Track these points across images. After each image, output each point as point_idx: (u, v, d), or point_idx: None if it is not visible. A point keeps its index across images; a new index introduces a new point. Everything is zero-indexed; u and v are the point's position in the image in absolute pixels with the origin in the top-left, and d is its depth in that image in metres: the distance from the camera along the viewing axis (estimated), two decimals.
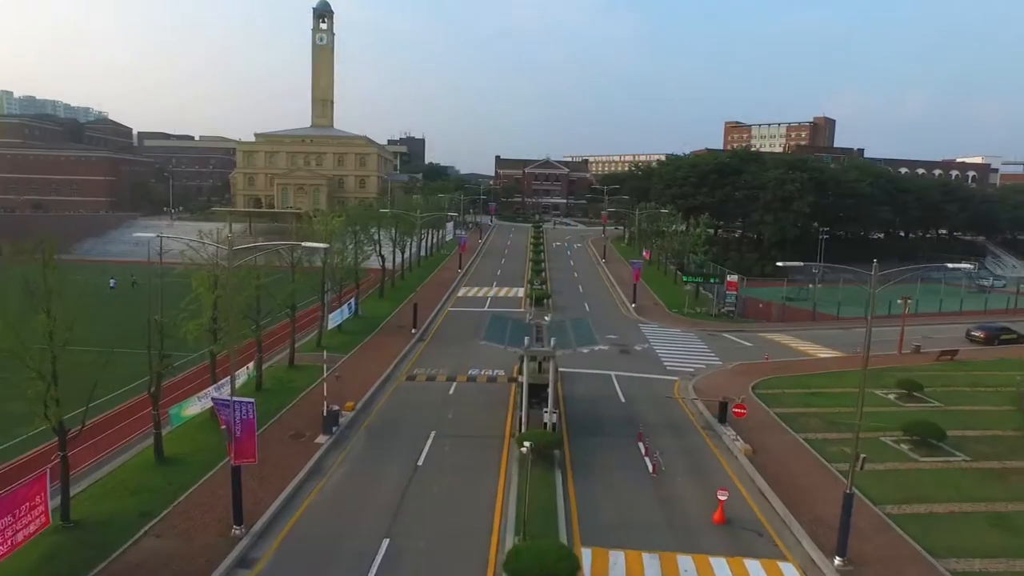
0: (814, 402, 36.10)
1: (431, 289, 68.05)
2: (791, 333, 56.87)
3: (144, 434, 27.86)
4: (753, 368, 43.67)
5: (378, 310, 57.00)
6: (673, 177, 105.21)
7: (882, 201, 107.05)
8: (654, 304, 63.83)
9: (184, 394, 31.74)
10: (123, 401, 32.86)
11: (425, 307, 58.28)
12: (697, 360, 45.60)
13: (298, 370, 38.63)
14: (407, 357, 43.58)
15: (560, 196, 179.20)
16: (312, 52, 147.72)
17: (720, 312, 60.23)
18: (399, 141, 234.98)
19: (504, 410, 33.27)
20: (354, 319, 52.13)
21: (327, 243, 42.45)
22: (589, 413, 33.34)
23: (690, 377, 41.40)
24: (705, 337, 53.22)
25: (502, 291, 68.69)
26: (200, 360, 36.23)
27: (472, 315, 57.10)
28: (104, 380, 21.66)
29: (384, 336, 48.54)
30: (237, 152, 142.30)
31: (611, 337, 50.71)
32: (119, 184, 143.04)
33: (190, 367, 37.80)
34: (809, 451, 29.03)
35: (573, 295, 67.64)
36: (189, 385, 35.14)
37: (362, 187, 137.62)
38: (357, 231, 53.40)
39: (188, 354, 36.15)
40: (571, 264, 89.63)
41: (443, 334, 50.80)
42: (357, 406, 32.78)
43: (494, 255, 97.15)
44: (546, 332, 30.97)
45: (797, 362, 46.14)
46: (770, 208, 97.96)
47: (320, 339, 44.32)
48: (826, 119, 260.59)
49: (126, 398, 33.12)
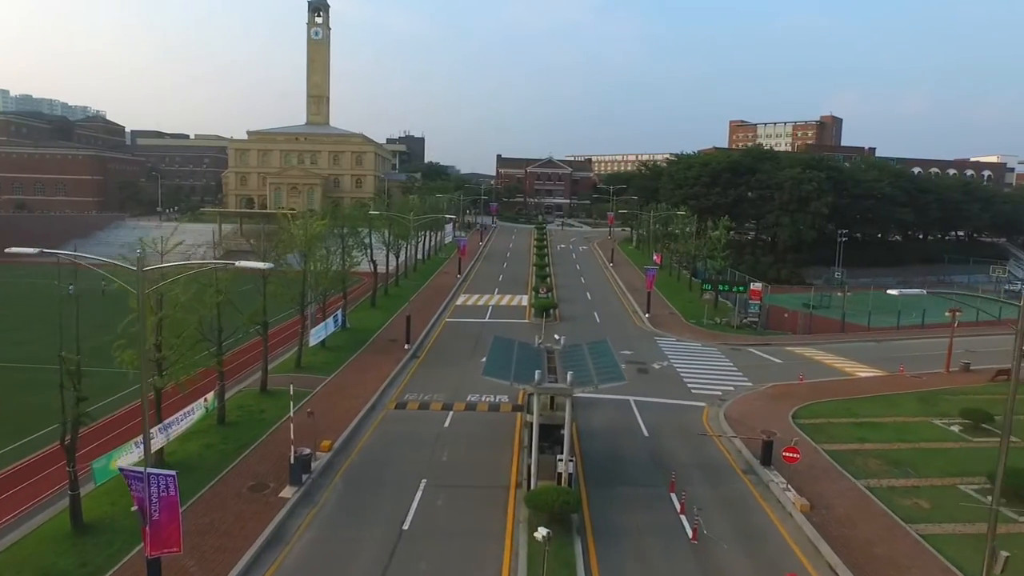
0: (868, 436, 31.08)
1: (428, 297, 63.08)
2: (821, 347, 51.88)
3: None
4: (788, 391, 38.66)
5: (368, 321, 52.02)
6: (684, 176, 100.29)
7: (902, 202, 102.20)
8: (670, 314, 58.83)
9: (120, 438, 26.53)
10: (50, 442, 27.51)
11: (420, 318, 53.33)
12: (724, 381, 40.62)
13: (271, 397, 33.66)
14: (398, 379, 38.60)
15: (563, 196, 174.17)
16: (307, 47, 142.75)
17: (742, 323, 55.25)
18: (398, 140, 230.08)
19: (508, 449, 28.30)
20: (341, 333, 47.19)
21: (303, 250, 37.71)
22: (608, 452, 28.38)
23: (719, 403, 36.43)
24: (728, 352, 48.23)
25: (504, 299, 63.71)
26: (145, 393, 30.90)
27: (472, 327, 52.16)
28: (27, 412, 16.66)
29: (373, 353, 43.57)
30: (229, 150, 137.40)
31: (626, 353, 45.75)
32: (107, 183, 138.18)
33: (129, 402, 32.64)
34: (877, 505, 24.00)
35: (581, 304, 62.65)
36: (127, 425, 30.08)
37: (358, 187, 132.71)
38: (345, 235, 48.47)
39: (129, 388, 31.24)
40: (577, 268, 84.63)
41: (439, 350, 45.83)
42: (335, 444, 27.81)
43: (496, 258, 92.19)
44: (559, 360, 25.97)
45: (835, 383, 41.10)
46: (786, 209, 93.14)
47: (300, 358, 39.35)
48: (833, 117, 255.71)
49: (52, 439, 27.85)
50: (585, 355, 25.66)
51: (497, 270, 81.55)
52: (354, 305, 57.84)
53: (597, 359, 24.67)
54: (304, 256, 38.07)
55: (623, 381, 22.54)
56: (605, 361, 24.16)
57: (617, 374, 22.45)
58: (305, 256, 38.06)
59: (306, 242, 37.71)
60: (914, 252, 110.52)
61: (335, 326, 45.11)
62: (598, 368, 23.47)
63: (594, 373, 22.96)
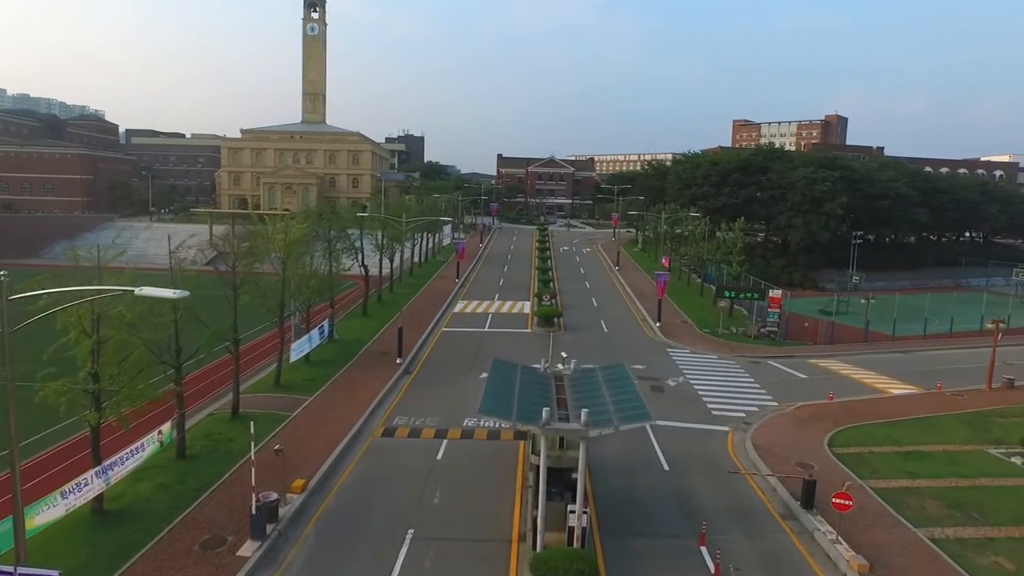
0: (918, 469, 27.33)
1: (423, 303, 59.35)
2: (845, 358, 48.17)
3: None
4: (819, 412, 34.93)
5: (359, 331, 48.30)
6: (691, 176, 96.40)
7: (918, 202, 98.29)
8: (682, 323, 55.06)
9: (47, 485, 22.63)
10: None
11: (415, 327, 49.65)
12: (746, 400, 36.89)
13: (244, 423, 29.83)
14: (387, 399, 34.87)
15: (565, 196, 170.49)
16: (302, 43, 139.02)
17: (760, 333, 51.49)
18: (398, 139, 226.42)
19: (510, 489, 24.57)
20: (328, 345, 43.49)
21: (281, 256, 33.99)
22: (625, 492, 24.66)
23: (744, 426, 32.72)
24: (748, 365, 44.51)
25: (505, 306, 59.96)
26: (79, 429, 26.89)
27: (470, 337, 48.44)
28: None
29: (362, 368, 39.85)
30: (222, 149, 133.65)
31: (638, 368, 42.00)
32: (97, 183, 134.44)
33: (70, 435, 28.71)
34: (949, 565, 20.22)
35: (587, 311, 58.90)
36: (56, 467, 26.31)
37: (355, 186, 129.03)
38: (332, 238, 44.78)
39: (66, 420, 27.48)
40: (582, 273, 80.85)
41: (434, 364, 42.11)
42: (310, 483, 24.07)
43: (496, 261, 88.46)
44: (570, 389, 22.20)
45: (869, 403, 37.34)
46: (799, 210, 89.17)
47: (279, 376, 35.61)
48: (838, 116, 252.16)
49: None
50: (599, 383, 21.89)
51: (498, 274, 77.82)
52: (344, 313, 54.20)
53: (615, 389, 20.91)
54: (283, 263, 34.33)
55: (650, 420, 18.81)
56: (624, 392, 20.39)
57: (641, 411, 18.69)
58: (284, 263, 34.32)
59: (285, 247, 33.97)
60: (929, 254, 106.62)
61: (320, 338, 41.39)
62: (617, 401, 19.71)
63: (613, 409, 19.20)
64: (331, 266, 44.06)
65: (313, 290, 37.03)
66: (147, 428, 23.76)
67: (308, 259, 38.62)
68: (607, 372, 23.11)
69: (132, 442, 22.24)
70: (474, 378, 38.53)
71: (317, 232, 44.22)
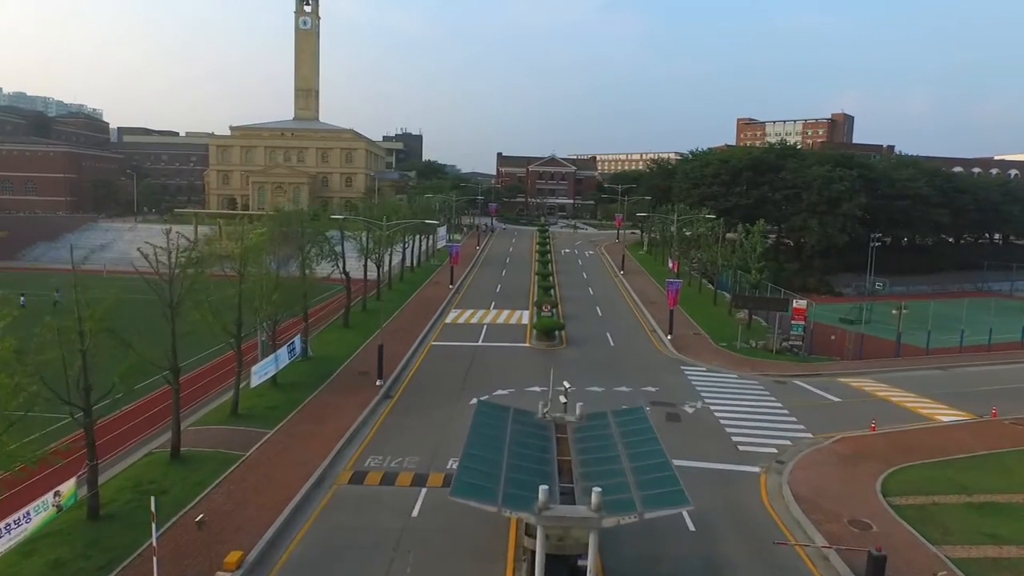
0: (999, 530, 22.40)
1: (413, 313, 54.47)
2: (879, 376, 43.35)
3: None
4: (863, 447, 30.05)
5: (338, 347, 43.45)
6: (700, 175, 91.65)
7: (938, 203, 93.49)
8: (695, 335, 50.17)
9: None
10: None
11: (401, 340, 44.87)
12: (776, 430, 32.04)
13: (185, 466, 25.10)
14: (361, 431, 30.03)
15: (566, 196, 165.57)
16: (295, 38, 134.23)
17: (782, 347, 46.63)
18: (395, 138, 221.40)
19: (500, 562, 19.65)
20: (301, 364, 38.70)
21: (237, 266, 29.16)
22: (644, 567, 19.73)
23: (777, 466, 27.86)
24: (772, 386, 39.63)
25: (502, 315, 55.08)
26: None
27: (462, 353, 43.60)
28: None
29: (336, 392, 35.00)
30: (210, 147, 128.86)
31: (650, 390, 37.26)
32: (81, 182, 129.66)
33: None
34: None
35: (591, 321, 54.01)
36: None
37: (348, 185, 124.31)
38: (306, 244, 39.97)
39: None
40: (585, 277, 75.93)
41: (420, 386, 37.24)
42: (248, 557, 19.20)
43: (493, 265, 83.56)
44: (575, 446, 17.28)
45: (918, 434, 32.44)
46: (814, 211, 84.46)
47: (236, 404, 30.75)
48: (844, 115, 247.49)
49: None
50: (614, 438, 17.00)
51: (495, 279, 72.93)
52: (324, 324, 49.46)
53: (634, 447, 16.04)
54: (240, 274, 29.48)
55: (687, 505, 13.96)
56: (647, 454, 15.50)
57: (673, 490, 13.83)
58: (241, 274, 29.47)
59: (241, 256, 29.13)
60: (949, 257, 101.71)
61: (291, 357, 36.50)
62: (640, 469, 14.83)
63: (634, 482, 14.33)
64: (304, 274, 39.33)
65: (278, 304, 32.09)
66: (60, 478, 19.06)
67: (274, 267, 33.72)
68: (622, 419, 18.21)
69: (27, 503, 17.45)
70: (463, 404, 33.73)
71: (287, 235, 39.41)
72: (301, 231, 39.68)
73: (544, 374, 39.22)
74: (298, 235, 39.44)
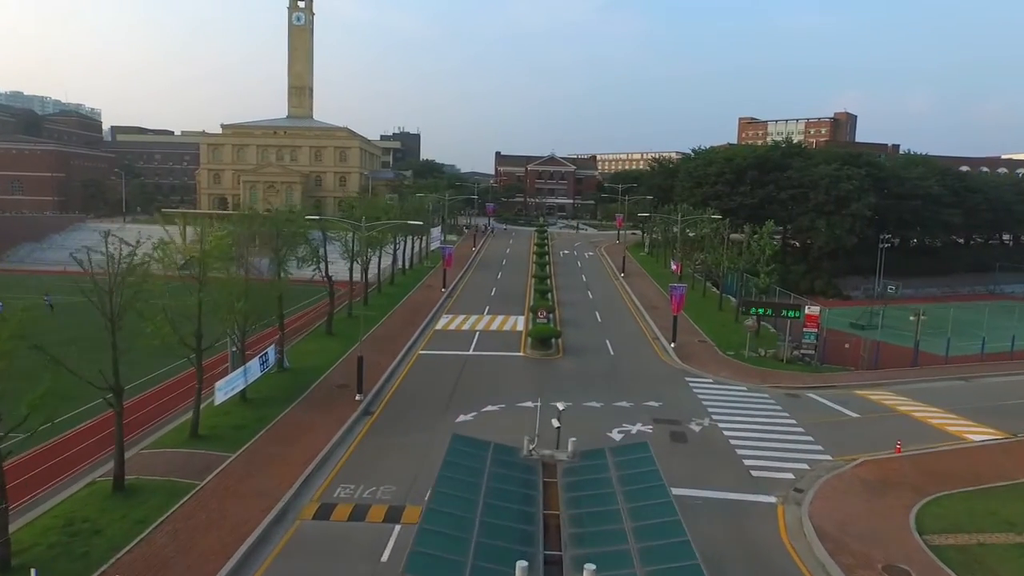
0: None
1: (401, 319, 51.58)
2: (897, 388, 40.46)
3: None
4: (889, 472, 27.14)
5: (318, 356, 40.56)
6: (703, 174, 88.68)
7: (949, 203, 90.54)
8: (699, 343, 47.26)
9: None
10: None
11: (386, 350, 42.06)
12: (792, 452, 29.14)
13: (128, 498, 22.21)
14: (335, 454, 27.15)
15: (566, 196, 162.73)
16: (288, 34, 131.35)
17: (793, 357, 43.73)
18: (393, 137, 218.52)
19: None
20: (276, 376, 35.86)
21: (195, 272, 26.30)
22: None
23: (796, 495, 24.97)
24: (784, 399, 36.75)
25: (496, 321, 52.18)
26: None
27: (451, 363, 40.71)
28: None
29: (311, 407, 32.11)
30: (201, 146, 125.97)
31: (652, 405, 34.36)
32: (69, 181, 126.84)
33: None
34: None
35: (590, 327, 51.10)
36: None
37: (342, 184, 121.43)
38: (282, 247, 37.11)
39: None
40: (584, 280, 73.00)
41: (403, 400, 34.36)
42: None
43: (489, 267, 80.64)
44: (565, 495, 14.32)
45: (948, 456, 29.51)
46: (822, 211, 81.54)
47: (196, 424, 27.84)
48: (847, 114, 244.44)
49: None
50: (613, 486, 14.06)
51: (490, 282, 70.03)
52: (306, 332, 46.62)
53: (638, 500, 13.14)
54: (199, 281, 26.60)
55: None
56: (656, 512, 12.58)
57: (690, 569, 10.95)
58: (200, 281, 26.58)
59: (200, 261, 26.26)
60: (959, 259, 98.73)
61: (262, 369, 33.59)
62: (644, 534, 11.93)
63: (636, 551, 11.43)
64: (279, 278, 36.46)
65: (244, 312, 29.18)
66: None
67: (243, 272, 30.84)
68: (622, 460, 15.28)
69: None
70: (449, 422, 30.93)
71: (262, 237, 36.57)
72: (276, 232, 36.77)
73: (538, 386, 36.43)
74: (272, 236, 36.54)
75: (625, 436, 29.94)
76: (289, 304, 55.02)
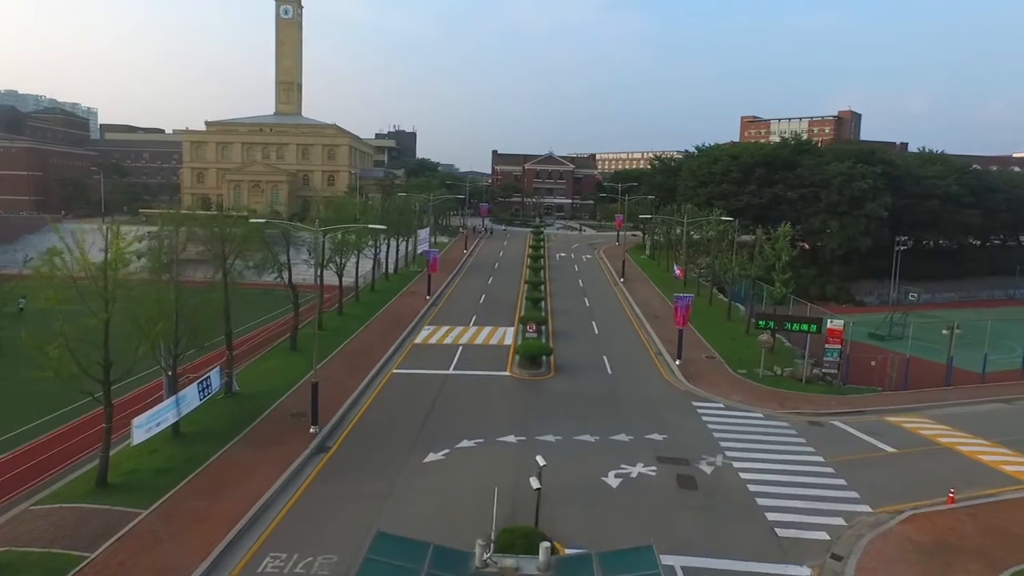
0: None
1: (378, 331, 46.76)
2: (932, 413, 35.64)
3: None
4: (945, 529, 22.33)
5: (277, 377, 35.71)
6: (708, 172, 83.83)
7: (968, 203, 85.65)
8: (707, 358, 42.42)
9: None
10: None
11: (356, 368, 37.29)
12: (822, 501, 24.33)
13: None
14: (269, 511, 22.30)
15: (565, 196, 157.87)
16: (276, 28, 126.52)
17: (813, 376, 38.93)
18: (388, 135, 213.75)
19: None
20: (223, 401, 31.14)
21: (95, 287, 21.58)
22: None
23: (832, 563, 20.19)
24: (806, 429, 31.93)
25: (482, 334, 47.35)
26: None
27: (427, 385, 35.86)
28: None
29: (256, 444, 27.30)
30: (183, 144, 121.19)
31: (655, 439, 29.50)
32: (47, 180, 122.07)
33: None
34: None
35: (586, 342, 46.24)
36: None
37: (331, 184, 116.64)
38: (228, 253, 32.30)
39: None
40: (580, 286, 68.12)
41: (366, 434, 29.54)
42: None
43: (480, 271, 75.81)
44: None
45: (1012, 506, 24.65)
46: (834, 211, 76.68)
47: (105, 471, 23.03)
48: (852, 112, 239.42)
49: None
50: None
51: (480, 288, 65.17)
52: (267, 348, 41.83)
53: None
54: (105, 300, 21.81)
55: None
56: None
57: None
58: (106, 300, 21.79)
59: (104, 275, 21.47)
60: (976, 262, 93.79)
61: (203, 397, 28.79)
62: None
63: None
64: (226, 289, 31.70)
65: (165, 332, 24.30)
66: None
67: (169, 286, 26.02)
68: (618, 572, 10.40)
69: None
70: (415, 463, 26.19)
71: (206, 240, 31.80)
72: (220, 234, 31.95)
73: (524, 415, 31.65)
74: (217, 240, 31.73)
75: (624, 481, 25.14)
76: (253, 316, 50.48)
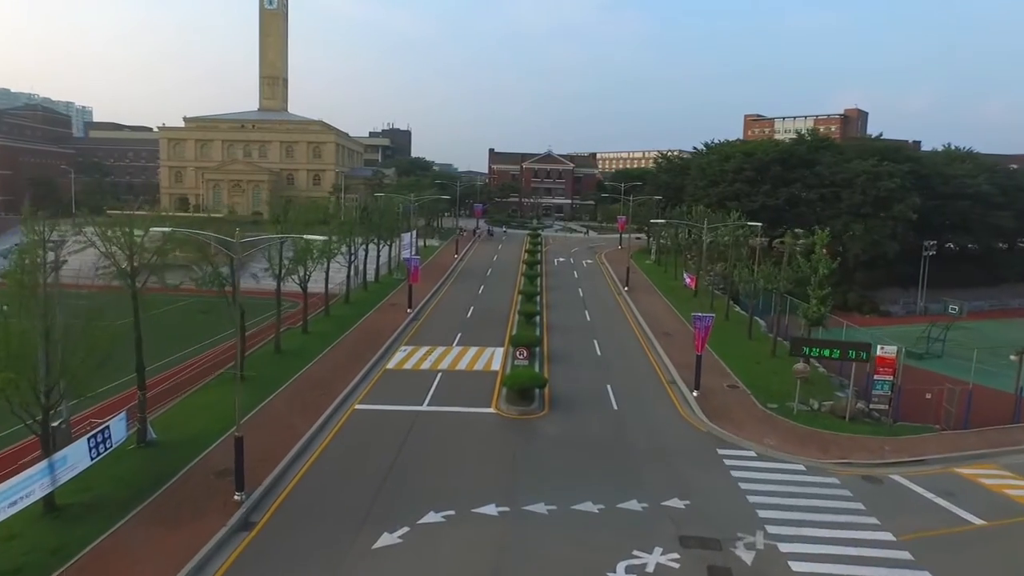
0: None
1: (347, 351, 40.38)
2: (1009, 461, 29.33)
3: None
4: None
5: (210, 416, 29.36)
6: (718, 171, 77.42)
7: (999, 203, 79.26)
8: (729, 387, 35.98)
9: None
10: None
11: (309, 404, 30.95)
12: None
13: None
14: None
15: (564, 196, 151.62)
16: (259, 19, 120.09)
17: (857, 411, 32.55)
18: (382, 133, 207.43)
19: None
20: (135, 453, 24.86)
21: None
22: None
23: None
24: (861, 488, 25.58)
25: (466, 356, 40.90)
26: None
27: (394, 426, 29.47)
28: None
29: (159, 518, 20.89)
30: (160, 141, 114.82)
31: (676, 507, 23.06)
32: (17, 179, 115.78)
33: None
34: None
35: (586, 366, 39.81)
36: None
37: (316, 183, 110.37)
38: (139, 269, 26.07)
39: None
40: (581, 296, 61.69)
41: (306, 501, 23.07)
42: None
43: (470, 279, 69.40)
44: None
45: None
46: (858, 213, 70.28)
47: None
48: (859, 110, 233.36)
49: None
50: None
51: (468, 299, 58.73)
52: (209, 378, 35.44)
53: None
54: None
55: None
56: None
57: None
58: None
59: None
60: (1009, 267, 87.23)
61: (96, 454, 22.44)
62: None
63: None
64: (137, 315, 25.46)
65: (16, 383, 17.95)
66: None
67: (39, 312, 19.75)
68: None
69: None
70: (362, 549, 19.81)
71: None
72: (128, 246, 25.70)
73: (510, 471, 25.31)
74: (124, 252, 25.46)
75: None
76: (208, 333, 44.25)
